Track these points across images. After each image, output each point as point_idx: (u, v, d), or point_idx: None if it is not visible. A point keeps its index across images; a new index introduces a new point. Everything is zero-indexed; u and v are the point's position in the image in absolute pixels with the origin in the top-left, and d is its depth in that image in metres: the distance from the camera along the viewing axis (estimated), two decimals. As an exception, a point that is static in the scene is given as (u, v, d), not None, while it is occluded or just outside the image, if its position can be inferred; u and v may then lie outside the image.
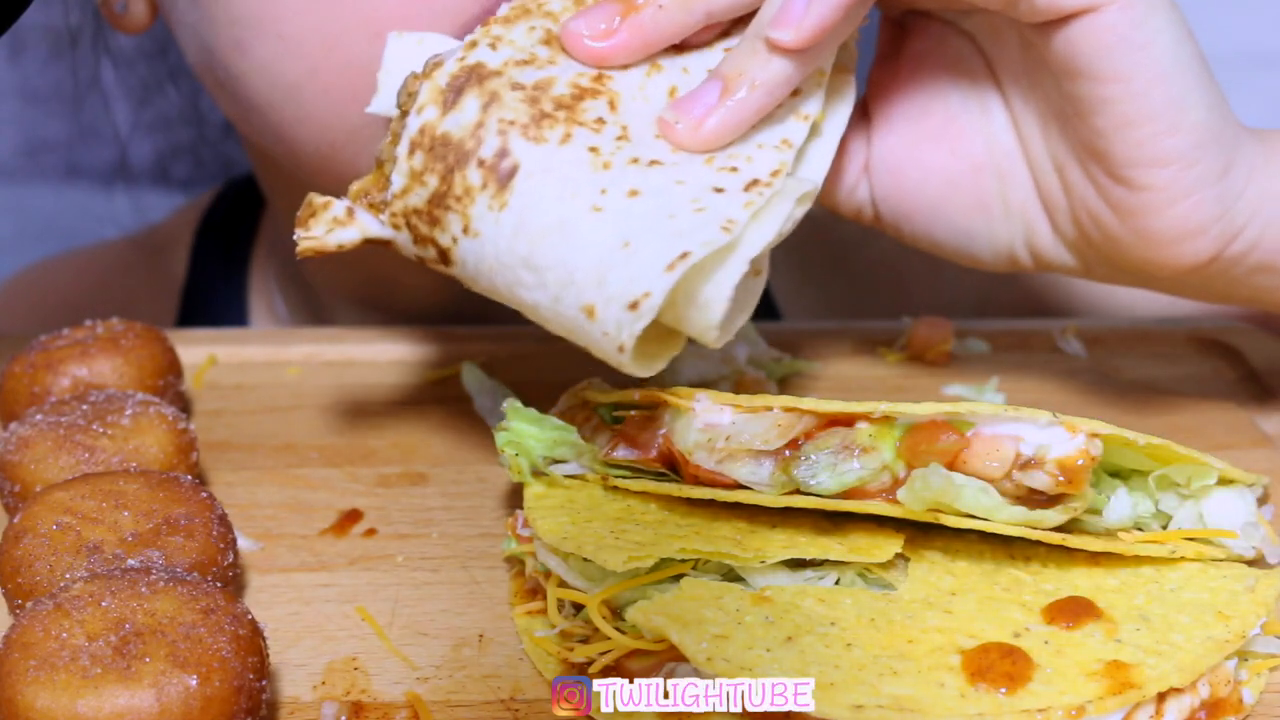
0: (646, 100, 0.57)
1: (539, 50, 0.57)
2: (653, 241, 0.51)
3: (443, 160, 0.54)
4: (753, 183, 0.54)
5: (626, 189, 0.53)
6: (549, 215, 0.53)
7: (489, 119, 0.54)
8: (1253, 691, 0.52)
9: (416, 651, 0.56)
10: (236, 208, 1.03)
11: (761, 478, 0.55)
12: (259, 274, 1.00)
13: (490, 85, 0.55)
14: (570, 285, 0.52)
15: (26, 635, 0.47)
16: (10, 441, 0.62)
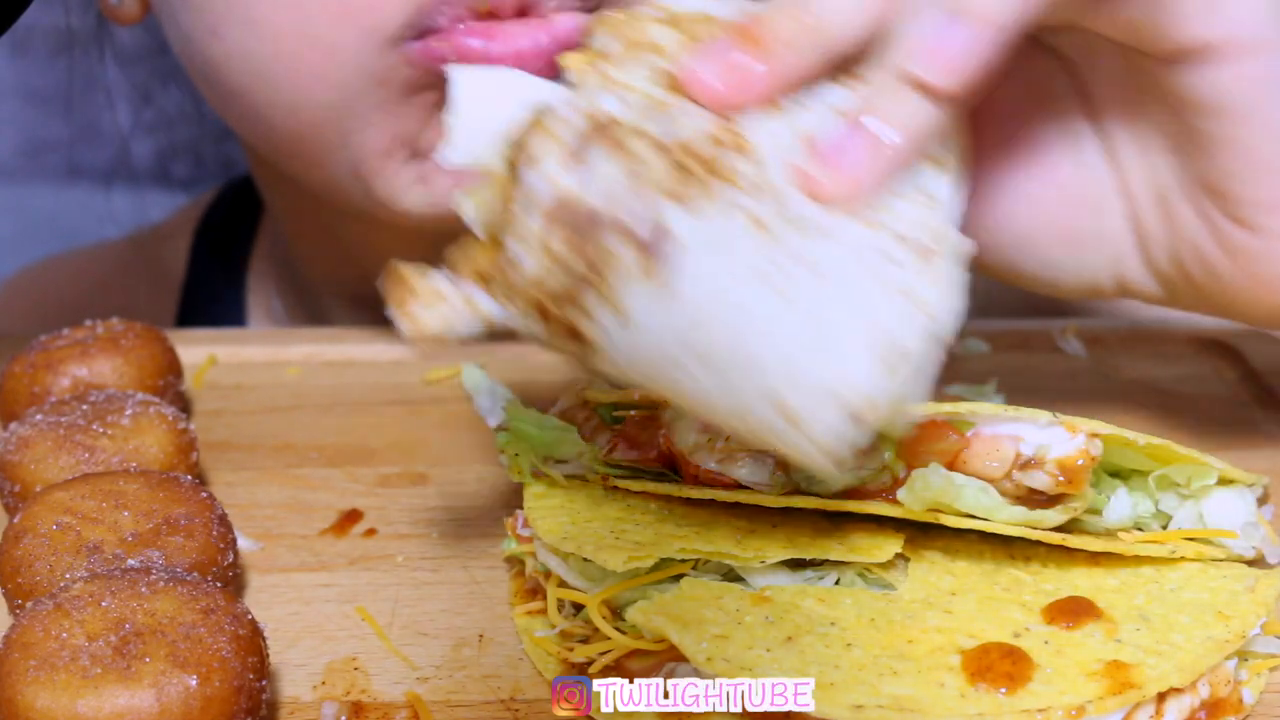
0: (774, 147, 0.48)
1: (658, 94, 0.47)
2: (854, 331, 0.44)
3: (581, 234, 0.45)
4: (926, 251, 0.47)
5: (799, 262, 0.45)
6: (720, 298, 0.44)
7: (627, 181, 0.45)
8: (1253, 691, 0.52)
9: (416, 651, 0.56)
10: (235, 208, 1.03)
11: (761, 478, 0.55)
12: (257, 273, 1.01)
13: (621, 140, 0.45)
14: (755, 380, 0.44)
15: (26, 635, 0.47)
16: (10, 441, 0.62)
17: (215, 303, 1.00)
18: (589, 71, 0.48)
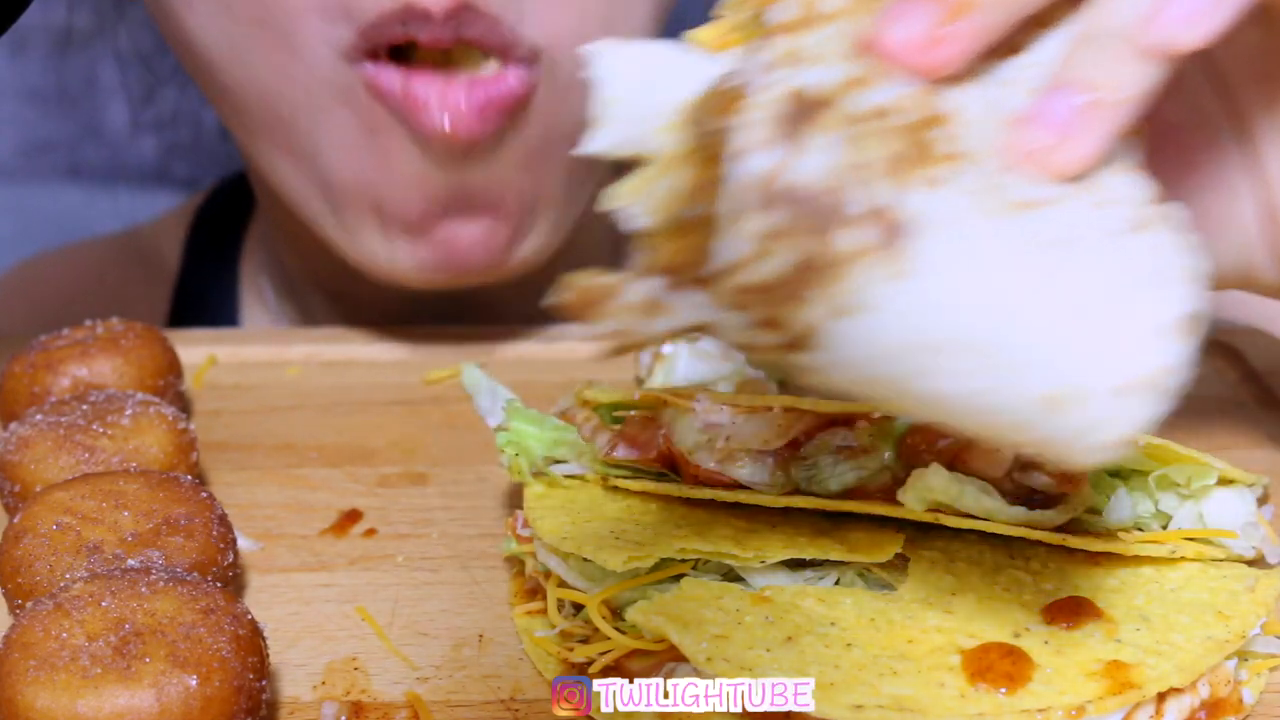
0: (979, 118, 0.43)
1: (852, 67, 0.42)
2: (1122, 304, 0.40)
3: (804, 220, 0.40)
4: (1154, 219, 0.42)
5: (1043, 238, 0.41)
6: (974, 283, 0.40)
7: (844, 164, 0.40)
8: (1253, 691, 0.52)
9: (416, 651, 0.56)
10: (230, 203, 1.04)
11: (761, 478, 0.55)
12: (250, 265, 1.01)
13: (828, 118, 0.41)
14: (1016, 369, 0.40)
15: (26, 635, 0.47)
16: (10, 441, 0.62)
17: (208, 295, 1.00)
18: (774, 43, 0.42)
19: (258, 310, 1.00)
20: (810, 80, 0.41)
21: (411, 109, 0.71)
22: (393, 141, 0.73)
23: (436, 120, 0.71)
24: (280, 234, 0.95)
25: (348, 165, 0.75)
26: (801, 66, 0.42)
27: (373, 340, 0.82)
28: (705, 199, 0.41)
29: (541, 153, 0.76)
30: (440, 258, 0.76)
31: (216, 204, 1.04)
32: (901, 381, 0.42)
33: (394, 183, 0.74)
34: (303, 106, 0.74)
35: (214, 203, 1.04)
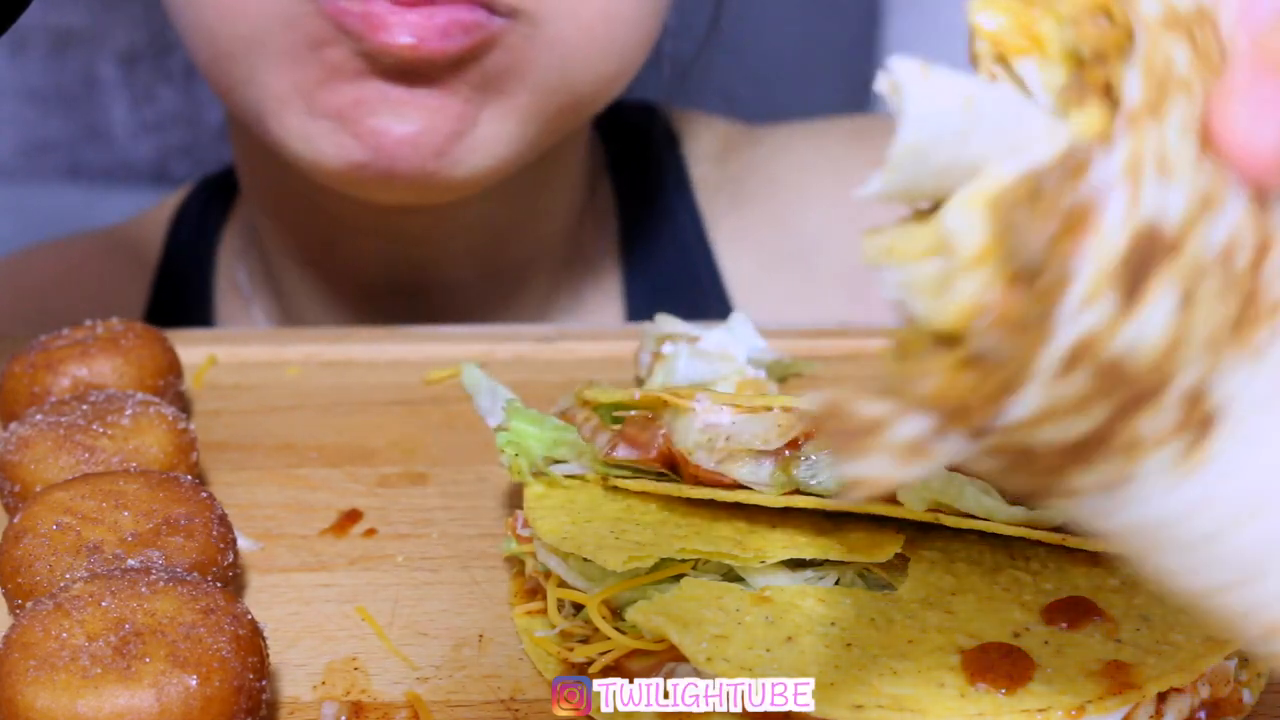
0: None
1: (1199, 175, 0.34)
2: None
3: (1113, 395, 0.34)
4: None
5: None
6: (1250, 493, 0.36)
7: (1183, 334, 0.34)
8: (1253, 691, 0.52)
9: (416, 651, 0.56)
10: (212, 199, 1.05)
11: (761, 478, 0.55)
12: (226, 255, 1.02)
13: (1178, 269, 0.33)
14: (1252, 588, 0.37)
15: (26, 635, 0.47)
16: (10, 441, 0.62)
17: (186, 287, 1.01)
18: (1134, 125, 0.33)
19: (231, 298, 1.00)
20: (1164, 208, 0.33)
21: (369, 25, 0.71)
22: (334, 52, 0.74)
23: (394, 36, 0.71)
24: (266, 212, 0.96)
25: (283, 79, 0.76)
26: (1159, 178, 0.33)
27: (373, 340, 0.82)
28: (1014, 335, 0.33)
29: (498, 83, 0.76)
30: (368, 153, 0.75)
31: (199, 199, 1.05)
32: (1142, 551, 0.38)
33: (328, 83, 0.75)
34: (245, 37, 0.76)
35: (197, 198, 1.05)
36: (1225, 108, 0.33)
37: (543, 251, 0.95)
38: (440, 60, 0.72)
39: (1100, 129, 0.33)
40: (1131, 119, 0.33)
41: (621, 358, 0.78)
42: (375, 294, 0.93)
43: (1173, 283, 0.33)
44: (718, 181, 1.00)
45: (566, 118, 0.82)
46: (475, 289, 0.93)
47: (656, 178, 1.00)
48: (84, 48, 1.43)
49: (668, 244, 0.98)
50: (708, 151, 1.02)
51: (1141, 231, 0.33)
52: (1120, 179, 0.33)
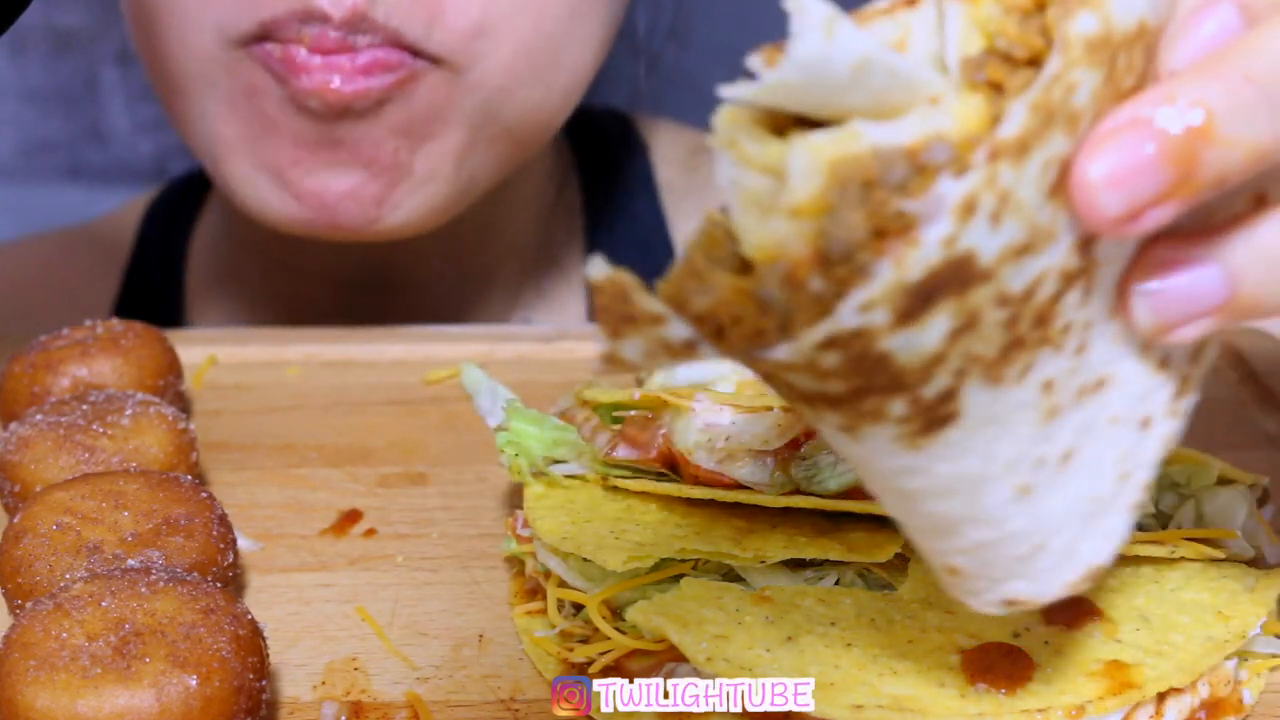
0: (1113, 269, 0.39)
1: (1043, 214, 0.35)
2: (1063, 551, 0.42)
3: (865, 377, 0.36)
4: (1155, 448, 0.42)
5: (1061, 452, 0.40)
6: (958, 485, 0.40)
7: (951, 353, 0.36)
8: (1253, 691, 0.52)
9: (416, 651, 0.56)
10: (184, 195, 1.05)
11: (761, 478, 0.55)
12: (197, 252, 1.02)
13: (972, 300, 0.35)
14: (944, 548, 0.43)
15: (26, 635, 0.47)
16: (10, 441, 0.62)
17: (155, 283, 1.02)
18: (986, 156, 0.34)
19: (202, 294, 1.01)
20: (981, 248, 0.35)
21: (290, 69, 0.73)
22: (267, 101, 0.75)
23: (314, 79, 0.72)
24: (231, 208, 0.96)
25: (229, 124, 0.77)
26: (990, 222, 0.34)
27: (373, 340, 0.82)
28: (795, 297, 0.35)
29: (425, 126, 0.77)
30: (311, 208, 0.77)
31: (170, 198, 1.06)
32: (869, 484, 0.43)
33: (265, 137, 0.76)
34: (193, 77, 0.77)
35: (168, 196, 1.06)
36: (1087, 161, 0.35)
37: (510, 251, 0.97)
38: (363, 101, 0.73)
39: (972, 131, 0.34)
40: (993, 153, 0.34)
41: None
42: (343, 293, 0.94)
43: (956, 313, 0.35)
44: (684, 188, 1.02)
45: (510, 150, 0.82)
46: (443, 288, 0.94)
47: (622, 181, 1.02)
48: (84, 48, 1.43)
49: (631, 243, 1.00)
50: (674, 157, 1.04)
51: (950, 261, 0.34)
52: (951, 212, 0.34)
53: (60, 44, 1.42)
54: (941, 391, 0.37)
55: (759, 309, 0.36)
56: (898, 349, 0.35)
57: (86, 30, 1.39)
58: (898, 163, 0.34)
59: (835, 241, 0.34)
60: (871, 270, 0.34)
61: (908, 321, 0.35)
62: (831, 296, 0.35)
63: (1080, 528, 0.42)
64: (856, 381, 0.37)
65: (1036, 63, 0.35)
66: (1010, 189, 0.34)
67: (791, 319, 0.35)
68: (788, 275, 0.35)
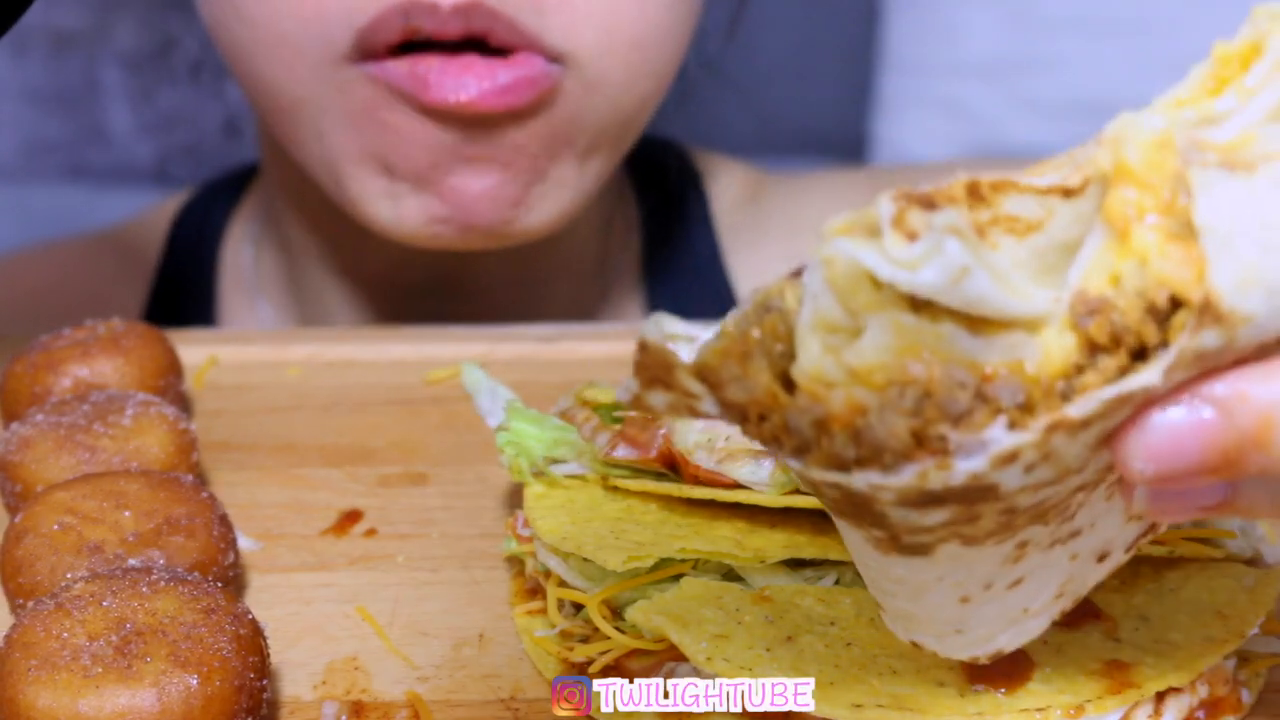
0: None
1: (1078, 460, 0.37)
2: (979, 639, 0.44)
3: (856, 512, 0.38)
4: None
5: (1012, 580, 0.42)
6: (907, 583, 0.42)
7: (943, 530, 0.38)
8: (1251, 691, 0.52)
9: (417, 651, 0.56)
10: (214, 202, 1.05)
11: (761, 478, 0.55)
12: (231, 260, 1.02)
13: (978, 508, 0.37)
14: (874, 591, 0.45)
15: (28, 635, 0.48)
16: (11, 441, 0.62)
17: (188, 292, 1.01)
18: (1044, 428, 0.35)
19: (236, 299, 1.01)
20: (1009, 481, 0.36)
21: (419, 86, 0.72)
22: (396, 115, 0.74)
23: (453, 96, 0.72)
24: (292, 208, 0.96)
25: (351, 141, 0.77)
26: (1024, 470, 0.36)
27: (373, 341, 0.82)
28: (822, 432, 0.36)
29: (556, 139, 0.77)
30: (448, 209, 0.77)
31: (203, 201, 1.05)
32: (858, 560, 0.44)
33: (401, 147, 0.76)
34: (304, 99, 0.76)
35: (201, 200, 1.05)
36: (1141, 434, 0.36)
37: (569, 263, 0.96)
38: (503, 114, 0.74)
39: (1050, 373, 0.35)
40: (1053, 425, 0.35)
41: (621, 358, 0.78)
42: (402, 300, 0.94)
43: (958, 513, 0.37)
44: (739, 222, 1.03)
45: (622, 147, 0.84)
46: (502, 297, 0.93)
47: (678, 209, 1.02)
48: (85, 49, 1.43)
49: (687, 270, 1.01)
50: (729, 193, 1.04)
51: (971, 486, 0.35)
52: (991, 458, 0.35)
53: (61, 45, 1.42)
54: (920, 540, 0.39)
55: (785, 425, 0.37)
56: (893, 514, 0.37)
57: (87, 31, 1.39)
58: (966, 386, 0.35)
59: (873, 432, 0.35)
60: (894, 468, 0.35)
61: (909, 506, 0.36)
62: (850, 463, 0.36)
63: (1003, 627, 0.44)
64: (847, 509, 0.38)
65: (1140, 351, 0.35)
66: (1057, 450, 0.35)
67: (808, 451, 0.36)
68: (819, 421, 0.36)
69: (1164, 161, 0.35)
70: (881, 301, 0.34)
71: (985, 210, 0.35)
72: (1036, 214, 0.36)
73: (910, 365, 0.34)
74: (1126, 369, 0.35)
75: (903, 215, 0.34)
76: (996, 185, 0.35)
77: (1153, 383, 0.34)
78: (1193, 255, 0.34)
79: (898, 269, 0.34)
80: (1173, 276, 0.34)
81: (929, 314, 0.34)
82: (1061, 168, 0.36)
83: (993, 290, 0.34)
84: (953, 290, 0.34)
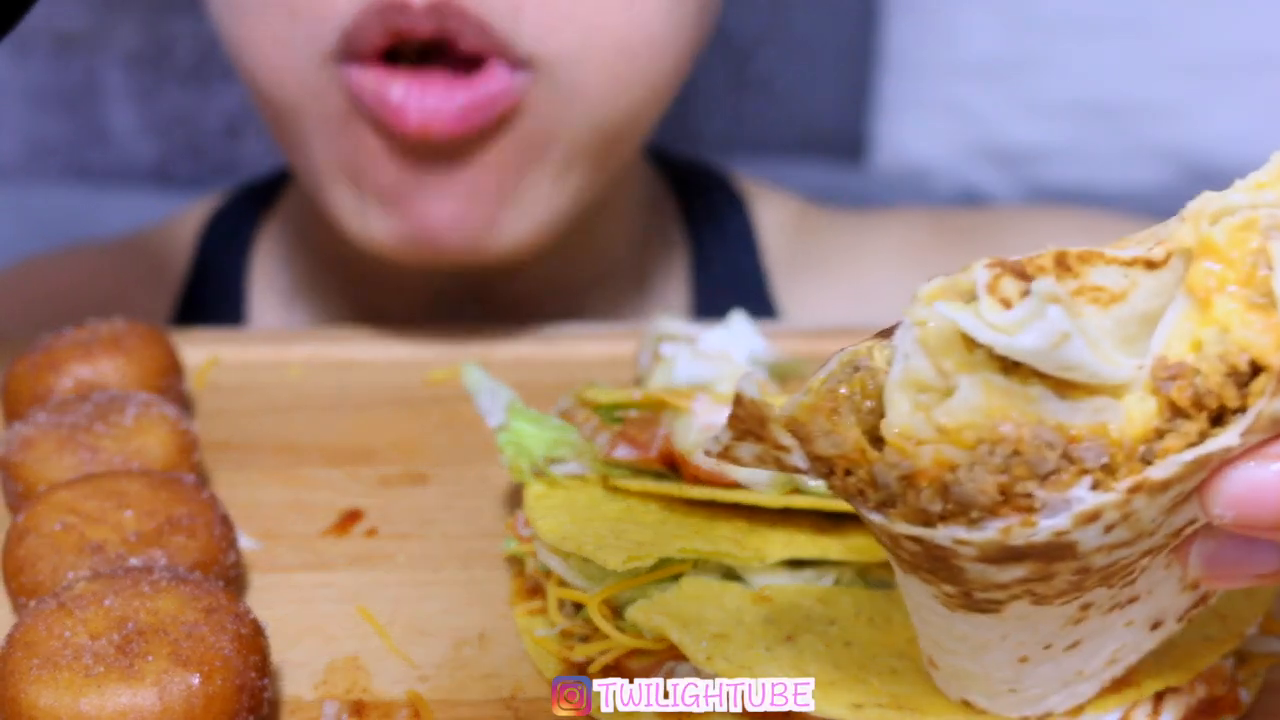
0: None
1: (1154, 522, 0.39)
2: (1032, 699, 0.46)
3: (932, 567, 0.40)
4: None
5: (1070, 643, 0.44)
6: (969, 640, 0.44)
7: (1016, 587, 0.40)
8: (1250, 690, 0.52)
9: (417, 651, 0.56)
10: (244, 210, 1.04)
11: (761, 478, 0.55)
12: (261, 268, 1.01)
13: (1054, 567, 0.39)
14: (928, 649, 0.46)
15: (29, 634, 0.48)
16: (13, 441, 0.62)
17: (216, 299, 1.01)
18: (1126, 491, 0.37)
19: (267, 309, 1.00)
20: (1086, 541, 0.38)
21: (384, 111, 0.72)
22: (363, 129, 0.74)
23: (411, 121, 0.71)
24: (311, 220, 0.96)
25: (328, 149, 0.76)
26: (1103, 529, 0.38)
27: (374, 341, 0.82)
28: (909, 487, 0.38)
29: (531, 155, 0.75)
30: (415, 232, 0.76)
31: (233, 209, 1.04)
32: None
33: (369, 163, 0.75)
34: (291, 103, 0.76)
35: (231, 208, 1.05)
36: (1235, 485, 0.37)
37: (605, 273, 0.95)
38: (462, 138, 0.72)
39: (1133, 436, 0.37)
40: (1136, 487, 0.37)
41: (621, 358, 0.78)
42: (431, 309, 0.92)
43: (1034, 571, 0.39)
44: (788, 255, 1.01)
45: (607, 162, 0.81)
46: (535, 305, 0.92)
47: (722, 230, 1.01)
48: (86, 50, 1.43)
49: (732, 287, 0.98)
50: (776, 219, 1.03)
51: (1051, 543, 0.37)
52: (1074, 517, 0.37)
53: (63, 45, 1.42)
54: (992, 598, 0.40)
55: (871, 479, 0.39)
56: (970, 569, 0.39)
57: (89, 32, 1.39)
58: (1054, 446, 0.37)
59: (961, 488, 0.37)
60: (979, 523, 0.37)
61: (989, 562, 0.38)
62: (935, 518, 0.38)
63: (1056, 688, 0.45)
64: (924, 563, 0.40)
65: (1218, 416, 0.37)
66: (1136, 511, 0.37)
67: (893, 505, 0.39)
68: (907, 476, 0.38)
69: (1246, 237, 0.37)
70: (973, 363, 0.37)
71: (1072, 280, 0.37)
72: (1120, 285, 0.38)
73: (1000, 425, 0.37)
74: (1206, 433, 0.37)
75: (997, 282, 0.36)
76: (1083, 256, 0.38)
77: (1231, 444, 0.36)
78: (1273, 323, 0.36)
79: (996, 333, 0.36)
80: (1254, 342, 0.36)
81: (1019, 376, 0.37)
82: (1144, 242, 0.39)
83: (1087, 356, 0.36)
84: (1050, 355, 0.36)
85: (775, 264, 1.01)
